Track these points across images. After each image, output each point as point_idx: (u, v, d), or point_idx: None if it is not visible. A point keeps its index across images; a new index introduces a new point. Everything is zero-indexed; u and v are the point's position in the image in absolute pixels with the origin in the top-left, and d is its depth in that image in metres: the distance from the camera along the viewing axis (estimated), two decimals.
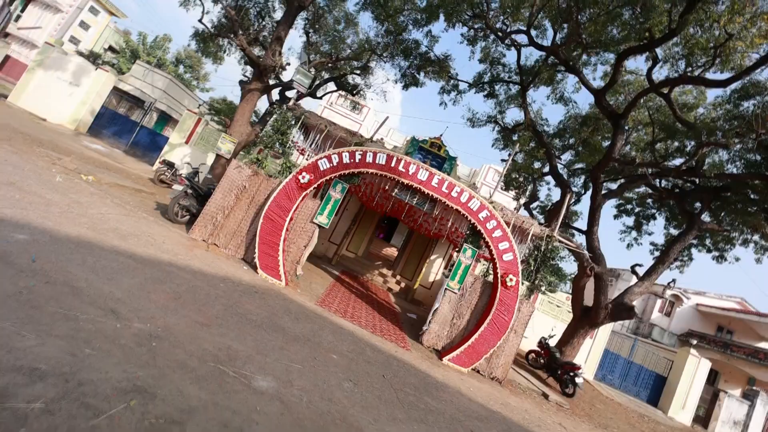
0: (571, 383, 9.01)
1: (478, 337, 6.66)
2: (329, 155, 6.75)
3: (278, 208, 6.51)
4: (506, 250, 6.90)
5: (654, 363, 15.39)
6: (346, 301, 7.56)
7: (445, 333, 6.97)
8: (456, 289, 6.99)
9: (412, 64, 12.16)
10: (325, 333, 4.94)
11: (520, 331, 7.05)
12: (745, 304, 24.73)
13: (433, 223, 9.45)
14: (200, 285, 4.50)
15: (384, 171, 6.85)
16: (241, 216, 6.79)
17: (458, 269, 7.04)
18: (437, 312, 6.94)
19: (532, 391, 7.78)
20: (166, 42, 33.87)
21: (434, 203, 7.35)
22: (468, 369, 6.63)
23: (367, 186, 8.73)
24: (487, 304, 7.06)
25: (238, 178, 6.80)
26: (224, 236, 6.73)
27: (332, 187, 6.90)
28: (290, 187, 6.60)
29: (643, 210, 14.91)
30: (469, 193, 6.93)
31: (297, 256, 6.76)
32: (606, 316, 9.94)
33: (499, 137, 13.92)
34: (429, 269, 13.21)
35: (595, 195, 9.54)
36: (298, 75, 7.02)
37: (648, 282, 10.59)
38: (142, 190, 8.83)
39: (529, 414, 5.98)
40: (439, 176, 6.93)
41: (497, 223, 6.92)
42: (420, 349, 6.69)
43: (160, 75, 18.77)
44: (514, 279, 6.80)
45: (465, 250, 7.10)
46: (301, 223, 6.83)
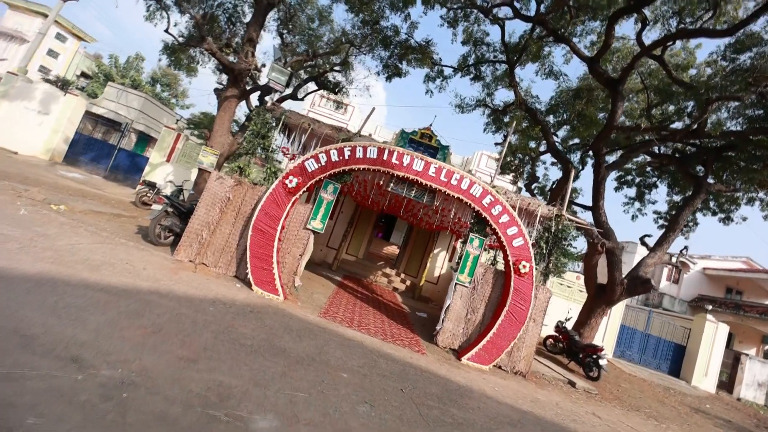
0: (594, 366, 8.63)
1: (495, 331, 6.22)
2: (316, 155, 6.26)
3: (267, 218, 6.02)
4: (515, 235, 6.46)
5: (671, 333, 15.10)
6: (351, 309, 7.09)
7: (460, 330, 6.52)
8: (467, 282, 6.54)
9: (393, 54, 11.67)
10: (331, 349, 4.47)
11: (539, 319, 6.62)
12: (751, 263, 24.59)
13: (434, 216, 9.00)
14: (185, 312, 4.00)
15: (376, 165, 6.38)
16: (228, 230, 6.28)
17: (467, 261, 6.59)
18: (449, 309, 6.49)
19: (558, 380, 7.37)
20: (139, 61, 33.02)
21: (433, 194, 6.89)
22: (489, 366, 6.19)
23: (360, 184, 8.25)
24: (501, 294, 6.62)
25: (221, 189, 6.29)
26: (212, 254, 6.23)
27: (323, 188, 6.41)
28: (278, 193, 6.10)
29: (644, 179, 14.59)
30: (470, 180, 6.48)
31: (293, 266, 6.27)
32: (622, 292, 9.56)
33: (490, 120, 13.48)
34: (433, 264, 12.78)
35: (598, 168, 9.14)
36: (273, 73, 6.52)
37: (660, 252, 10.23)
38: (121, 215, 8.28)
39: (561, 408, 5.56)
40: (435, 165, 6.47)
41: (503, 208, 6.48)
42: (436, 350, 6.23)
43: (134, 95, 18.10)
44: (527, 265, 6.36)
45: (472, 240, 6.65)
46: (294, 231, 6.34)
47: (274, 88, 6.70)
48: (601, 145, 8.92)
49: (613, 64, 11.21)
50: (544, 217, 7.10)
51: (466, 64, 11.92)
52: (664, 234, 10.49)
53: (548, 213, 7.05)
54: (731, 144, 10.15)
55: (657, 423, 6.79)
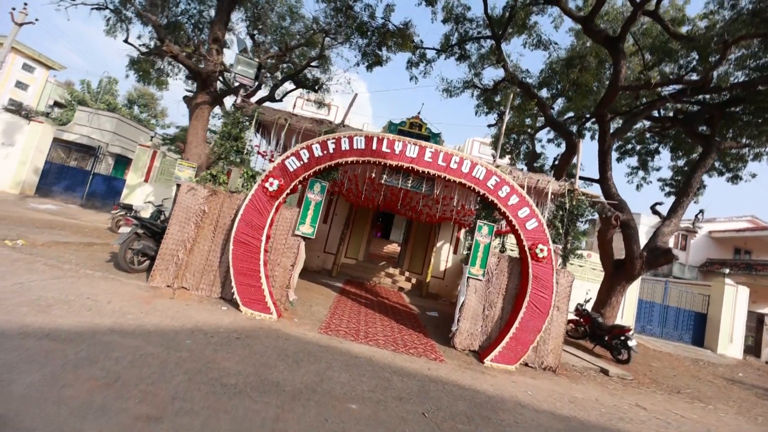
0: (623, 348, 8.03)
1: (518, 325, 5.57)
2: (297, 152, 5.57)
3: (249, 228, 5.32)
4: (528, 217, 5.82)
5: (690, 302, 14.57)
6: (356, 318, 6.42)
7: (478, 329, 5.87)
8: (480, 275, 5.89)
9: (372, 41, 10.98)
10: (335, 372, 3.79)
11: (563, 306, 5.99)
12: (756, 221, 24.21)
13: (435, 206, 8.34)
14: (154, 351, 3.30)
15: (365, 156, 5.70)
16: (207, 247, 5.58)
17: (477, 251, 5.93)
18: (464, 306, 5.83)
19: (588, 369, 6.74)
20: (112, 84, 32.03)
21: (432, 182, 6.23)
22: (515, 365, 5.55)
23: (351, 181, 7.57)
24: (519, 284, 5.98)
25: (194, 202, 5.58)
26: (192, 276, 5.52)
27: (309, 189, 5.73)
28: (258, 199, 5.40)
29: (645, 146, 14.05)
30: (471, 161, 5.82)
31: (285, 279, 5.58)
32: (642, 266, 8.96)
33: (481, 102, 12.84)
34: (438, 258, 12.13)
35: (603, 136, 8.52)
36: (240, 65, 5.83)
37: (676, 219, 9.64)
38: (94, 243, 7.54)
39: (602, 404, 4.92)
40: (431, 149, 5.80)
41: (511, 189, 5.83)
42: (454, 355, 5.57)
43: (106, 116, 17.28)
44: (545, 248, 5.72)
45: (480, 227, 5.99)
46: (282, 240, 5.64)
47: (243, 84, 6.00)
48: (606, 111, 8.29)
49: (603, 25, 10.61)
50: (556, 195, 6.47)
51: (450, 45, 11.26)
52: (677, 200, 9.90)
53: (559, 189, 6.42)
54: (737, 98, 9.58)
55: (703, 405, 6.18)
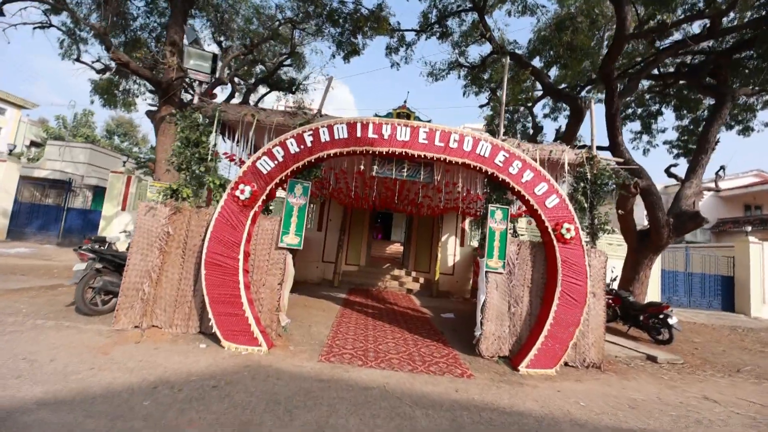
0: (663, 327, 7.22)
1: (552, 321, 4.74)
2: (269, 150, 4.73)
3: (222, 246, 4.47)
4: (547, 193, 4.99)
5: (714, 266, 13.79)
6: (363, 334, 5.57)
7: (506, 330, 5.03)
8: (499, 267, 5.05)
9: (345, 29, 10.17)
10: (341, 419, 2.94)
11: (600, 292, 5.16)
12: (764, 174, 23.50)
13: (436, 196, 7.50)
14: (92, 426, 2.45)
15: (350, 146, 4.87)
16: (177, 275, 4.72)
17: (492, 241, 5.10)
18: (486, 305, 5.00)
19: (634, 358, 5.92)
20: (88, 116, 31.12)
21: (431, 167, 5.41)
22: (555, 368, 4.72)
23: (338, 178, 6.72)
24: (546, 272, 5.15)
25: (155, 224, 4.73)
26: (163, 311, 4.66)
27: (289, 191, 4.88)
28: (229, 211, 4.56)
29: (646, 109, 13.30)
30: (473, 137, 5.00)
31: (274, 301, 4.73)
32: (670, 234, 8.16)
33: (468, 81, 12.05)
34: (444, 253, 11.30)
35: (611, 98, 7.71)
36: (192, 59, 4.99)
37: (697, 179, 8.85)
38: (59, 285, 6.68)
39: (666, 402, 4.10)
40: (425, 128, 4.97)
41: (523, 164, 5.01)
42: (483, 365, 4.73)
43: (79, 148, 16.40)
44: (571, 227, 4.90)
45: (492, 212, 5.16)
46: (264, 255, 4.80)
47: (199, 81, 5.18)
48: (612, 68, 7.48)
49: None
50: (573, 165, 5.65)
51: (429, 23, 10.46)
52: (694, 158, 9.11)
53: (576, 159, 5.60)
54: (745, 41, 8.81)
55: None
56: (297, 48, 11.58)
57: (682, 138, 13.34)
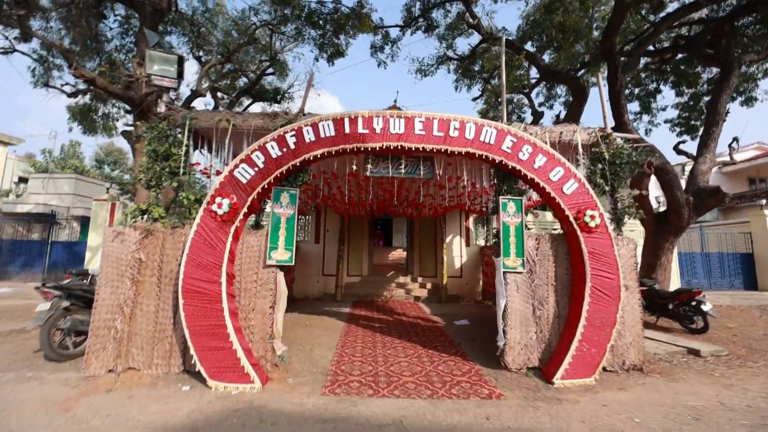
0: (696, 315, 6.63)
1: (585, 322, 4.16)
2: (248, 156, 4.18)
3: (201, 270, 3.89)
4: (564, 178, 4.45)
5: (731, 244, 13.23)
6: (371, 354, 4.96)
7: (532, 337, 4.44)
8: (518, 266, 4.48)
9: (326, 30, 9.73)
10: None
11: (632, 283, 4.59)
12: (765, 147, 23.09)
13: (438, 193, 6.94)
14: None
15: (339, 145, 4.33)
16: (154, 307, 4.13)
17: (507, 237, 4.54)
18: (508, 310, 4.41)
19: (675, 354, 5.32)
20: (75, 147, 30.65)
21: (431, 161, 4.87)
22: (593, 377, 4.12)
23: (329, 183, 6.16)
24: (571, 267, 4.58)
25: (124, 250, 4.16)
26: (140, 350, 4.06)
27: (274, 201, 4.33)
28: (206, 229, 3.99)
29: (644, 88, 12.90)
30: (475, 123, 4.47)
31: (266, 327, 4.14)
32: (690, 214, 7.61)
33: (459, 75, 11.61)
34: (450, 255, 10.72)
35: (614, 74, 7.22)
36: (155, 64, 4.48)
37: (710, 153, 8.34)
38: None
39: (732, 408, 3.50)
40: (421, 118, 4.44)
41: (533, 148, 4.48)
42: (511, 380, 4.13)
43: (63, 178, 15.86)
44: (595, 214, 4.35)
45: (504, 205, 4.61)
46: (251, 275, 4.22)
47: (163, 86, 4.66)
48: (614, 41, 6.99)
49: None
50: (586, 146, 5.12)
51: (413, 17, 10.04)
52: (705, 131, 8.62)
53: (590, 139, 5.08)
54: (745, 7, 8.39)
55: None
56: (278, 55, 11.14)
57: (683, 115, 12.96)
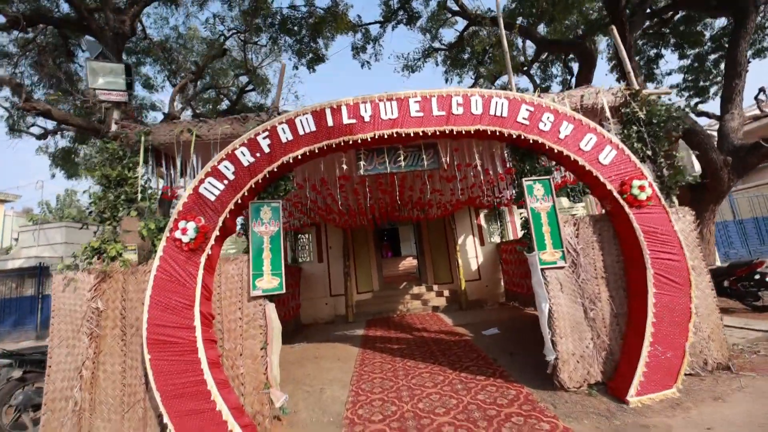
0: (760, 289, 5.75)
1: (655, 319, 3.32)
2: (214, 168, 3.46)
3: (168, 314, 3.12)
4: (598, 146, 3.68)
5: (764, 206, 12.26)
6: (393, 387, 4.11)
7: (589, 345, 3.58)
8: (558, 259, 3.66)
9: (302, 36, 9.18)
10: None
11: (699, 264, 3.75)
12: None
13: (447, 187, 6.15)
14: None
15: (322, 141, 3.60)
16: (119, 366, 3.35)
17: (539, 227, 3.73)
18: (554, 316, 3.57)
19: (759, 341, 4.41)
20: (71, 196, 30.44)
21: (433, 149, 4.12)
22: (676, 386, 3.25)
23: (318, 190, 5.39)
24: (621, 254, 3.76)
25: (77, 301, 3.41)
26: (107, 422, 3.26)
27: (252, 218, 3.58)
28: (171, 262, 3.24)
29: (644, 56, 12.23)
30: (481, 96, 3.73)
31: (259, 374, 3.33)
32: (730, 176, 6.76)
33: (449, 66, 10.99)
34: (465, 257, 9.88)
35: (622, 34, 6.50)
36: (99, 78, 3.82)
37: (737, 108, 7.51)
38: None
39: None
40: (416, 98, 3.71)
41: (555, 115, 3.72)
42: (573, 404, 3.26)
43: (53, 228, 15.33)
44: (644, 184, 3.55)
45: (530, 189, 3.82)
46: (234, 311, 3.43)
47: (111, 101, 3.99)
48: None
49: None
50: (613, 109, 4.36)
51: (392, 10, 9.48)
52: (726, 86, 7.80)
53: (616, 100, 4.32)
54: None
55: None
56: (256, 70, 10.60)
57: (689, 78, 12.29)
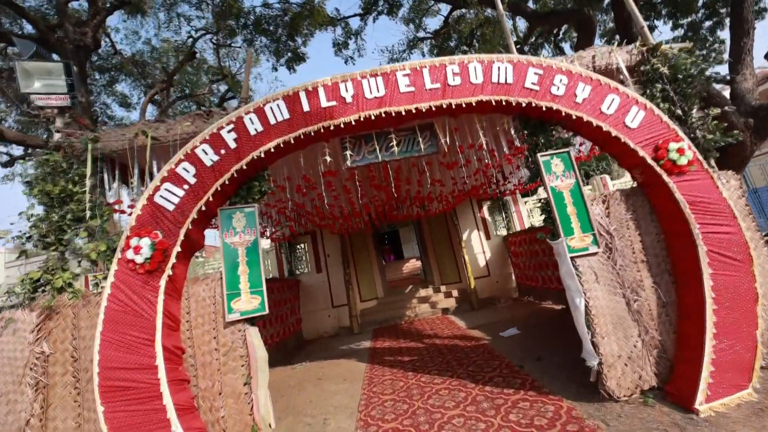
0: None
1: (715, 305, 2.75)
2: (171, 171, 2.90)
3: (123, 353, 2.53)
4: (622, 108, 3.13)
5: None
6: (408, 412, 3.51)
7: (637, 343, 3.00)
8: (589, 245, 3.09)
9: (279, 37, 8.68)
10: None
11: (754, 234, 3.19)
12: None
13: (448, 176, 5.58)
14: None
15: (299, 129, 3.04)
16: (72, 420, 2.76)
17: (563, 207, 3.17)
18: (592, 312, 2.99)
19: None
20: None
21: (430, 129, 3.56)
22: (751, 386, 2.67)
23: (302, 190, 4.81)
24: (662, 231, 3.19)
25: (18, 345, 2.83)
26: None
27: (223, 227, 3.01)
28: (125, 288, 2.66)
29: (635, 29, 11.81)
30: (480, 63, 3.18)
31: (244, 416, 2.74)
32: (752, 141, 6.20)
33: (437, 54, 10.50)
34: (472, 253, 9.30)
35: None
36: (34, 81, 3.24)
37: (749, 68, 6.94)
38: None
39: None
40: (405, 71, 3.16)
41: (569, 77, 3.17)
42: (629, 418, 2.67)
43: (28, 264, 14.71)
44: (683, 146, 3.00)
45: (547, 165, 3.26)
46: (208, 342, 2.85)
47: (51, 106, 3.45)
48: None
49: None
50: (631, 70, 3.82)
51: (372, 1, 9.00)
52: (734, 47, 7.23)
53: (631, 59, 3.79)
54: None
55: None
56: (237, 76, 10.10)
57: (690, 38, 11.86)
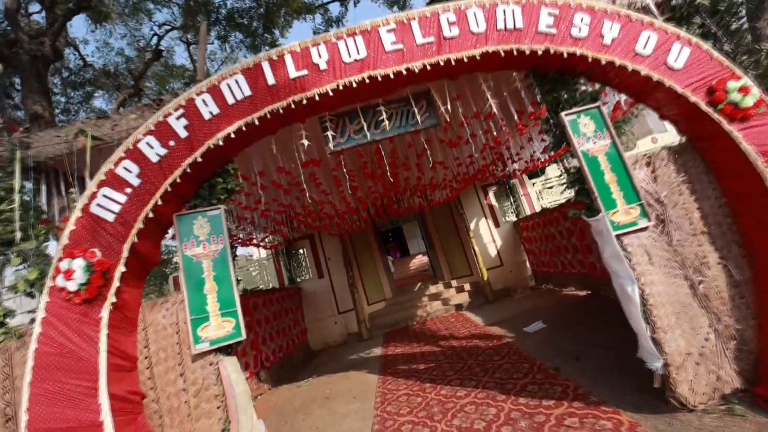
0: None
1: None
2: (110, 173, 2.32)
3: (61, 407, 1.95)
4: (662, 46, 2.51)
5: None
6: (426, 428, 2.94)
7: (709, 335, 2.40)
8: (638, 218, 2.49)
9: (255, 30, 8.10)
10: None
11: None
12: None
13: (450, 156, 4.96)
14: None
15: (264, 107, 2.47)
16: None
17: (599, 175, 2.57)
18: (649, 302, 2.39)
19: None
20: None
21: (426, 97, 2.97)
22: None
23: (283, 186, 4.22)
24: (724, 194, 2.58)
25: None
26: None
27: (183, 238, 2.43)
28: (58, 326, 2.09)
29: None
30: (481, 7, 2.57)
31: None
32: None
33: None
34: (481, 243, 8.70)
35: None
36: None
37: None
38: None
39: None
40: (389, 26, 2.56)
41: (593, 15, 2.56)
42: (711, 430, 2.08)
43: None
44: (747, 85, 2.38)
45: (575, 126, 2.65)
46: (174, 381, 2.28)
47: None
48: None
49: None
50: (660, 5, 3.20)
51: None
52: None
53: None
54: None
55: None
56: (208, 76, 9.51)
57: None
